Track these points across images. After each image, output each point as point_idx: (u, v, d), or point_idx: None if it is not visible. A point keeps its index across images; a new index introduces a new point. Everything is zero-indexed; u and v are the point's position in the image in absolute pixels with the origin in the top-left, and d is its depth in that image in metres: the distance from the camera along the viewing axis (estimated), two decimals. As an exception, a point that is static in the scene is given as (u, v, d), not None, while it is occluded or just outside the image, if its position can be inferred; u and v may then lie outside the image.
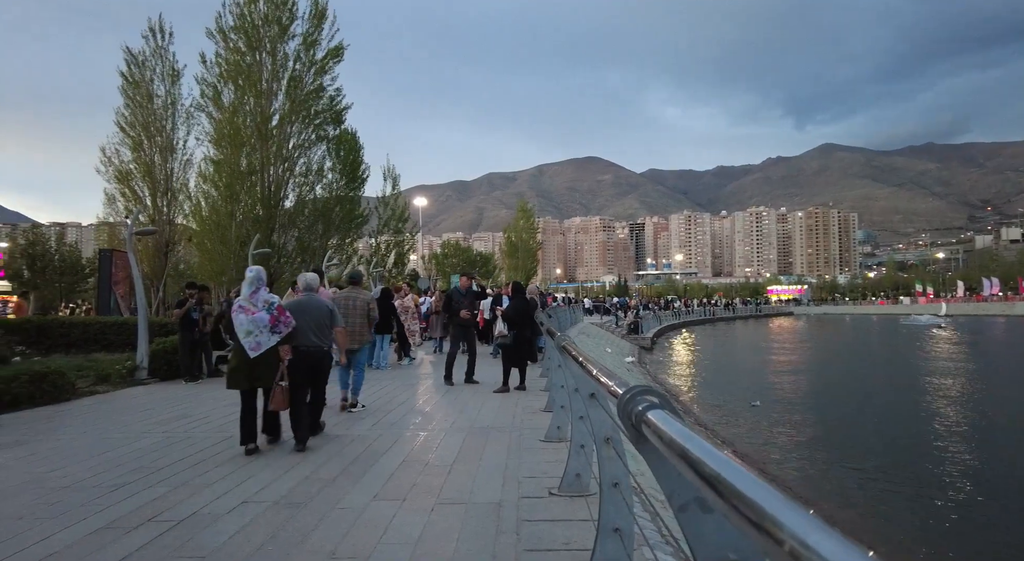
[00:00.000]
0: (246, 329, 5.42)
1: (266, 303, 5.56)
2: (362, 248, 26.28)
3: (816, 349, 33.97)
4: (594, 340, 23.70)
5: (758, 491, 0.71)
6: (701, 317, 60.07)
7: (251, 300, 5.55)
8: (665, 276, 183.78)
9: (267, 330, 5.46)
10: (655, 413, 1.04)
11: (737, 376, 21.72)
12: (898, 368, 24.24)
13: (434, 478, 4.50)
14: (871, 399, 16.79)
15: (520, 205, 56.89)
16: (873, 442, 11.59)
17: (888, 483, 8.96)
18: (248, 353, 5.40)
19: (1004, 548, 6.79)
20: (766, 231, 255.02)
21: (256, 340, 5.43)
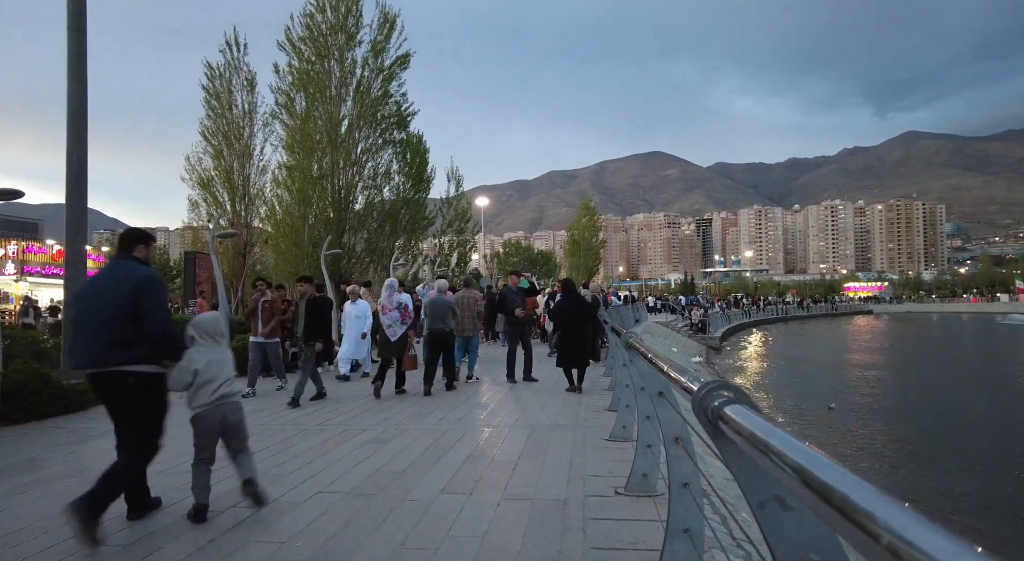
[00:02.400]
0: (387, 323, 8.09)
1: (398, 303, 8.14)
2: (426, 248, 26.82)
3: (898, 350, 31.97)
4: (659, 339, 23.24)
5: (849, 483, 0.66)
6: (773, 316, 57.75)
7: (389, 300, 8.14)
8: (734, 273, 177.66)
9: (398, 323, 8.08)
10: (733, 408, 1.01)
11: (812, 378, 20.76)
12: (993, 372, 22.49)
13: (500, 473, 4.55)
14: (960, 406, 15.67)
15: (583, 203, 56.44)
16: (960, 454, 10.82)
17: (973, 500, 8.35)
18: (389, 337, 8.10)
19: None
20: (842, 225, 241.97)
21: (393, 330, 8.08)
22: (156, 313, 3.58)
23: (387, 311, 8.09)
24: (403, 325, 8.06)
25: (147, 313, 3.52)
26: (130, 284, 3.54)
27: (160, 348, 3.61)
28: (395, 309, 8.07)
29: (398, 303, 8.11)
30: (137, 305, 3.50)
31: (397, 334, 8.05)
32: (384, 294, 8.25)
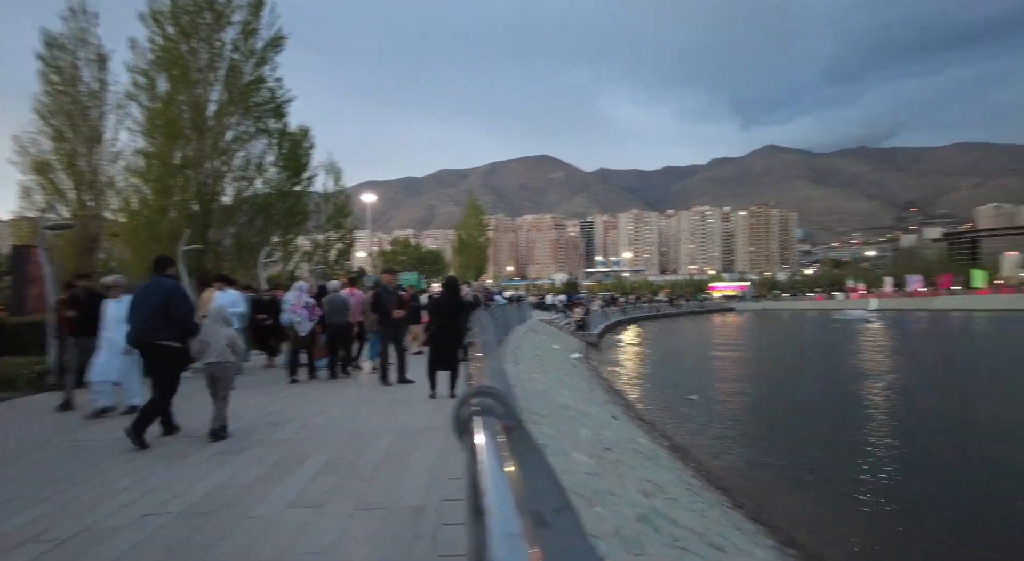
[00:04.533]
0: (296, 320, 9.52)
1: (306, 303, 9.65)
2: (304, 244, 25.55)
3: (754, 344, 35.23)
4: (541, 337, 23.85)
5: (494, 515, 0.69)
6: (647, 313, 61.40)
7: (298, 300, 9.62)
8: (614, 273, 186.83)
9: (306, 319, 9.53)
10: (481, 419, 0.99)
11: (678, 370, 22.27)
12: (830, 362, 25.42)
13: (357, 482, 4.38)
14: (805, 393, 17.55)
15: (470, 201, 56.60)
16: (803, 435, 12.08)
17: (810, 471, 9.36)
18: (300, 332, 9.56)
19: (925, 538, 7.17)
20: (710, 229, 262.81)
21: (302, 326, 9.52)
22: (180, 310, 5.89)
23: (296, 310, 9.46)
24: (311, 321, 9.51)
25: (174, 310, 5.82)
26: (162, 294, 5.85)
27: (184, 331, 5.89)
28: (304, 308, 9.49)
29: (306, 303, 9.55)
30: (167, 306, 5.78)
31: (307, 329, 9.49)
32: (293, 295, 9.68)
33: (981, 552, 6.51)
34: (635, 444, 8.83)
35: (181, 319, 5.82)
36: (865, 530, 7.11)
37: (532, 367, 13.36)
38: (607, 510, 4.69)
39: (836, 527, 7.20)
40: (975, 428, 12.47)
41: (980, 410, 14.50)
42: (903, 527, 7.22)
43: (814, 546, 6.41)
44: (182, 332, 5.82)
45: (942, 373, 21.50)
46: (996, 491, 8.52)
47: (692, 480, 7.77)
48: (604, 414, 10.79)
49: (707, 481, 8.04)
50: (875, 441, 11.19)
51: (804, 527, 7.05)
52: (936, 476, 9.17)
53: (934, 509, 7.78)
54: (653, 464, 7.82)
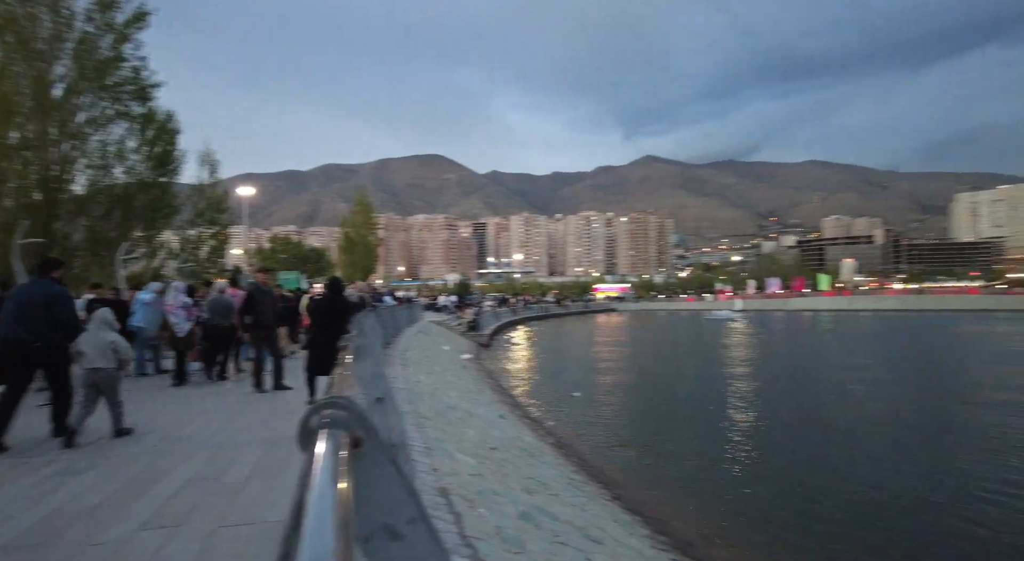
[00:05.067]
0: (173, 321, 9.25)
1: (183, 304, 9.45)
2: (172, 240, 23.41)
3: (634, 342, 37.26)
4: (432, 338, 23.64)
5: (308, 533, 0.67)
6: (537, 313, 62.92)
7: (175, 301, 9.42)
8: (506, 275, 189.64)
9: (183, 319, 9.32)
10: (327, 431, 0.95)
11: (564, 368, 23.01)
12: (701, 358, 27.46)
13: (222, 497, 4.06)
14: (678, 388, 18.79)
15: (359, 198, 54.80)
16: (677, 427, 12.91)
17: (682, 461, 10.03)
18: (177, 332, 9.25)
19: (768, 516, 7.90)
20: (595, 234, 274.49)
21: (180, 327, 9.25)
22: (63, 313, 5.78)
23: (173, 310, 9.35)
24: (188, 322, 9.40)
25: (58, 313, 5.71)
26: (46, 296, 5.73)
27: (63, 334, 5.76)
28: (181, 308, 9.39)
29: (183, 303, 9.47)
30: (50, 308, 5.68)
31: (184, 330, 9.32)
32: (171, 295, 9.57)
33: (830, 531, 7.31)
34: (521, 442, 8.98)
35: (65, 322, 5.78)
36: (731, 515, 7.73)
37: (420, 369, 13.19)
38: (490, 510, 4.71)
39: (704, 513, 7.76)
40: (823, 416, 14.02)
41: (824, 402, 16.30)
42: (764, 511, 7.93)
43: (685, 533, 6.86)
44: (64, 335, 5.75)
45: (795, 367, 23.98)
46: (837, 476, 9.60)
47: (574, 475, 8.04)
48: (492, 414, 10.89)
49: (588, 475, 8.35)
50: (739, 431, 12.23)
51: (676, 515, 7.53)
52: (789, 461, 10.18)
53: (791, 493, 8.63)
54: (538, 461, 7.99)
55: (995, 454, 10.21)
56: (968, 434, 11.80)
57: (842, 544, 6.79)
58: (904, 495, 8.36)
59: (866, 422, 13.29)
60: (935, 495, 8.29)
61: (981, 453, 10.32)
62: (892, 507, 7.90)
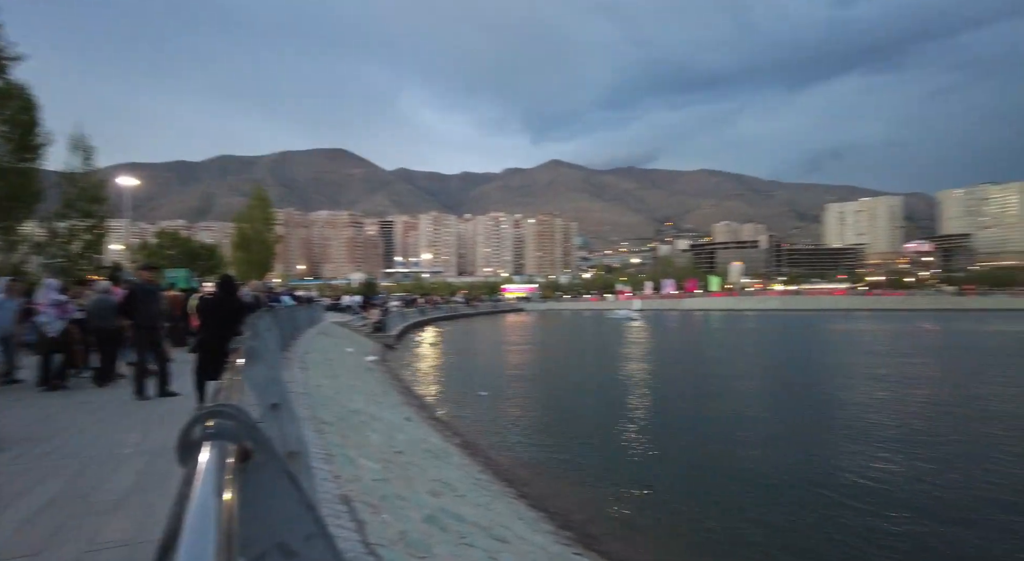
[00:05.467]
0: (44, 320, 8.69)
1: (54, 301, 8.87)
2: (38, 233, 20.94)
3: (541, 341, 37.97)
4: (334, 340, 22.82)
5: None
6: (446, 313, 62.54)
7: (46, 299, 8.85)
8: (414, 274, 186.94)
9: (54, 319, 8.74)
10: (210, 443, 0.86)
11: (472, 368, 23.01)
12: (603, 356, 28.46)
13: (93, 517, 3.67)
14: (582, 384, 19.34)
15: (256, 192, 51.78)
16: (581, 423, 13.27)
17: (585, 456, 10.33)
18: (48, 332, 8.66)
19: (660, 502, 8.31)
20: (504, 235, 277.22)
21: (52, 327, 8.68)
22: None
23: (43, 309, 8.87)
24: (59, 320, 8.84)
25: None
26: None
27: None
28: (52, 306, 8.86)
29: (54, 300, 8.92)
30: None
31: (57, 330, 8.79)
32: (42, 292, 9.10)
33: (726, 515, 7.78)
34: (427, 444, 8.86)
35: None
36: (632, 506, 8.04)
37: (322, 372, 12.68)
38: (394, 515, 4.59)
39: (607, 505, 8.02)
40: (715, 408, 14.95)
41: (715, 395, 17.38)
42: (663, 501, 8.31)
43: (588, 526, 7.06)
44: None
45: (689, 363, 25.42)
46: (730, 463, 10.25)
47: (480, 475, 8.04)
48: (397, 417, 10.66)
49: (494, 474, 8.38)
50: (639, 425, 12.77)
51: (580, 509, 7.73)
52: (685, 452, 10.76)
53: (688, 481, 9.11)
54: (444, 463, 7.92)
55: (856, 438, 11.36)
56: (838, 419, 13.05)
57: (738, 529, 7.26)
58: (788, 477, 9.09)
59: (753, 412, 14.34)
60: (814, 476, 9.08)
61: (847, 436, 11.45)
62: (781, 489, 8.55)
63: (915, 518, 7.45)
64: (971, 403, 14.86)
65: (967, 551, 6.60)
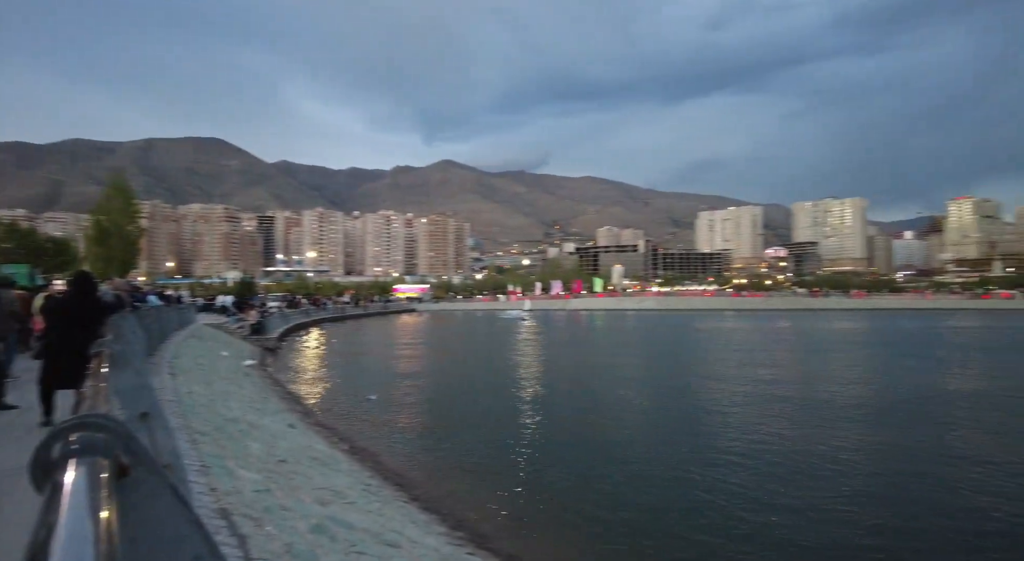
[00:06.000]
0: None
1: None
2: None
3: (433, 342, 37.69)
4: (208, 343, 21.20)
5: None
6: (332, 314, 60.14)
7: None
8: (297, 273, 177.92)
9: None
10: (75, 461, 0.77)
11: (361, 371, 22.34)
12: (494, 355, 28.76)
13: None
14: (475, 384, 19.41)
15: (115, 181, 46.65)
16: (472, 423, 13.31)
17: (476, 455, 10.39)
18: None
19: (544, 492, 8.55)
20: (395, 234, 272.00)
21: None
22: None
23: None
24: None
25: None
26: None
27: None
28: None
29: None
30: None
31: None
32: None
33: (615, 505, 8.12)
34: (313, 451, 8.47)
35: None
36: (523, 502, 8.19)
37: (194, 378, 11.71)
38: (279, 527, 4.34)
39: (499, 503, 8.10)
40: (600, 404, 15.61)
41: (599, 391, 18.16)
42: (553, 496, 8.53)
43: (480, 525, 7.09)
44: None
45: (576, 360, 26.37)
46: (613, 458, 10.73)
47: (370, 480, 7.82)
48: (279, 424, 10.10)
49: (384, 479, 8.19)
50: (530, 421, 13.04)
51: (472, 508, 7.75)
52: (573, 445, 11.14)
53: (574, 476, 9.41)
54: (331, 470, 7.61)
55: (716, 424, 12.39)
56: (713, 412, 14.15)
57: (627, 518, 7.62)
58: (666, 465, 9.70)
59: (637, 406, 15.18)
60: (690, 463, 9.76)
61: (721, 428, 12.45)
62: (659, 483, 9.10)
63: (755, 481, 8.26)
64: (814, 386, 16.74)
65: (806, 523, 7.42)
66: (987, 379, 19.83)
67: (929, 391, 16.95)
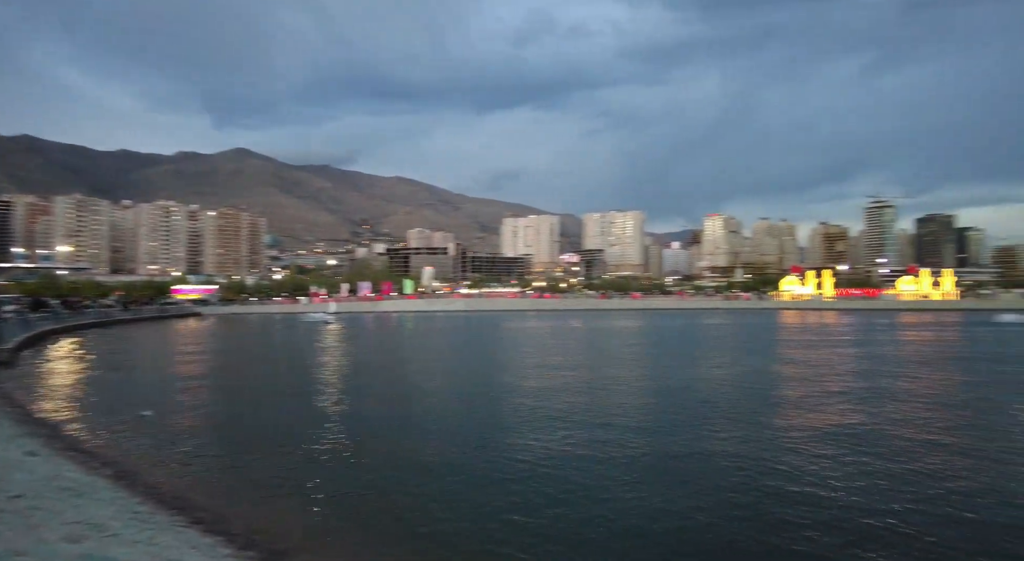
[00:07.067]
0: None
1: None
2: None
3: (221, 350, 34.22)
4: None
5: None
6: (95, 319, 51.29)
7: None
8: (44, 270, 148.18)
9: None
10: None
11: (132, 385, 19.51)
12: (297, 361, 27.03)
13: None
14: (265, 394, 18.06)
15: None
16: (264, 435, 12.38)
17: (266, 470, 9.70)
18: None
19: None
20: (176, 227, 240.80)
21: None
22: None
23: None
24: None
25: None
26: None
27: None
28: None
29: None
30: None
31: None
32: None
33: (419, 507, 8.09)
34: (63, 481, 7.17)
35: None
36: (323, 512, 7.82)
37: None
38: (11, 576, 3.61)
39: (296, 516, 7.64)
40: (409, 406, 15.53)
41: (406, 394, 18.11)
42: (356, 501, 8.28)
43: (275, 542, 6.61)
44: None
45: (384, 362, 25.92)
46: (414, 460, 10.76)
47: (140, 507, 6.85)
48: (14, 452, 8.37)
49: (159, 504, 7.24)
50: (331, 428, 12.49)
51: (265, 525, 7.20)
52: (374, 450, 10.93)
53: (380, 480, 9.24)
54: (89, 500, 6.52)
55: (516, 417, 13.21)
56: (519, 407, 14.94)
57: (431, 518, 7.67)
58: (466, 462, 10.00)
59: (442, 407, 15.41)
60: (489, 460, 10.19)
61: (521, 421, 13.21)
62: (462, 475, 9.34)
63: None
64: (600, 373, 18.67)
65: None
66: (723, 368, 23.98)
67: (681, 378, 19.98)
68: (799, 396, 16.61)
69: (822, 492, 8.31)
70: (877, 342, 35.22)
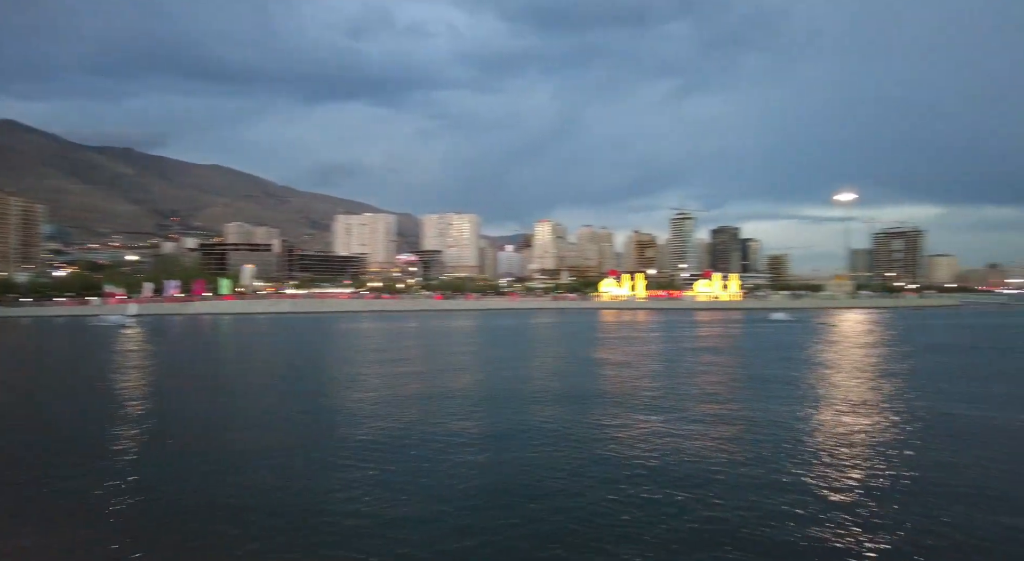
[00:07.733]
0: None
1: None
2: None
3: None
4: None
5: None
6: None
7: None
8: None
9: None
10: None
11: None
12: (82, 372, 23.57)
13: None
14: (43, 408, 15.63)
15: None
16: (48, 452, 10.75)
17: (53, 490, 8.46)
18: None
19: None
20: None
21: None
22: None
23: None
24: None
25: None
26: None
27: None
28: None
29: None
30: None
31: None
32: None
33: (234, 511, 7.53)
34: None
35: None
36: (126, 523, 6.99)
37: None
38: None
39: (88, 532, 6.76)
40: (215, 420, 14.30)
41: (220, 404, 16.73)
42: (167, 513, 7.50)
43: None
44: None
45: (185, 372, 23.53)
46: (236, 466, 10.04)
47: None
48: None
49: None
50: (126, 447, 11.15)
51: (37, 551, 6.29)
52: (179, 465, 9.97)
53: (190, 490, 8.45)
54: None
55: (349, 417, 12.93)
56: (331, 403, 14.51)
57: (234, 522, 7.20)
58: (287, 479, 9.56)
59: (259, 415, 14.45)
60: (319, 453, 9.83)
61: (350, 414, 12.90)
62: (269, 475, 8.91)
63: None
64: (436, 379, 18.91)
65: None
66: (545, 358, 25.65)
67: (511, 374, 21.03)
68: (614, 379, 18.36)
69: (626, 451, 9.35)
70: (682, 338, 40.12)
